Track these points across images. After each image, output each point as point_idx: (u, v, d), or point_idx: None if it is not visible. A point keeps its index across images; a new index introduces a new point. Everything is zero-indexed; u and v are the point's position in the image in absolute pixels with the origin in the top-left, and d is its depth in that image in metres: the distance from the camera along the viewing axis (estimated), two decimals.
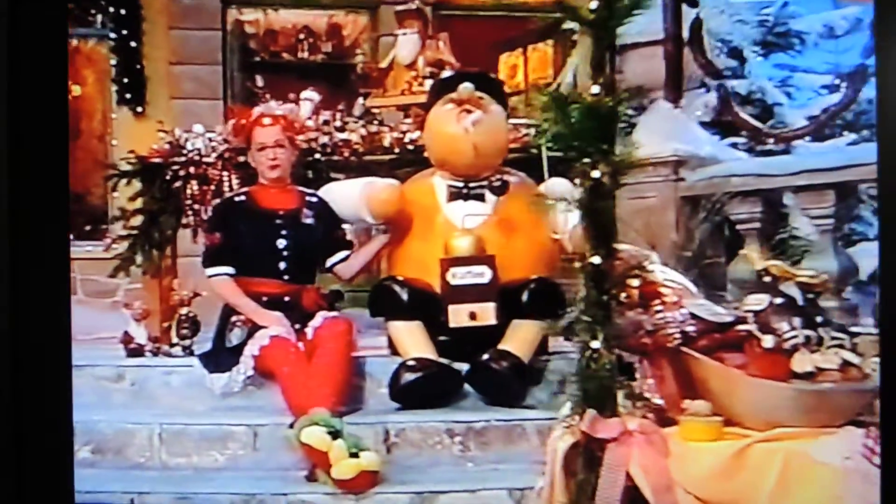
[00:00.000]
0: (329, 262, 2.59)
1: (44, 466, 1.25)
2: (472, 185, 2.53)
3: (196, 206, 2.98)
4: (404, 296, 2.41)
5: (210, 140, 3.03)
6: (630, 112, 2.74)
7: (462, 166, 2.52)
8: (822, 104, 3.56)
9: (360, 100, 3.54)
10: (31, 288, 1.24)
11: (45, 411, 1.24)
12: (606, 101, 1.47)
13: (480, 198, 2.54)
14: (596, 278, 1.50)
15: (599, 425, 1.47)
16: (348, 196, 2.58)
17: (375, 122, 3.36)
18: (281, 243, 2.47)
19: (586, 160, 1.49)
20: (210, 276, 2.47)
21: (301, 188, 2.62)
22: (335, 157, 3.00)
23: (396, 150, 3.08)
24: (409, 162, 3.05)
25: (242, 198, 2.54)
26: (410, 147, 3.09)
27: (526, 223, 2.51)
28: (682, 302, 1.62)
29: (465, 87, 2.47)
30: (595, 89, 1.47)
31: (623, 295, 1.49)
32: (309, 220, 2.53)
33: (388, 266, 2.61)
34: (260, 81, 4.70)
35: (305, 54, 5.15)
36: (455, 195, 2.54)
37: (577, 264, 1.52)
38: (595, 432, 1.47)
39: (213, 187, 2.96)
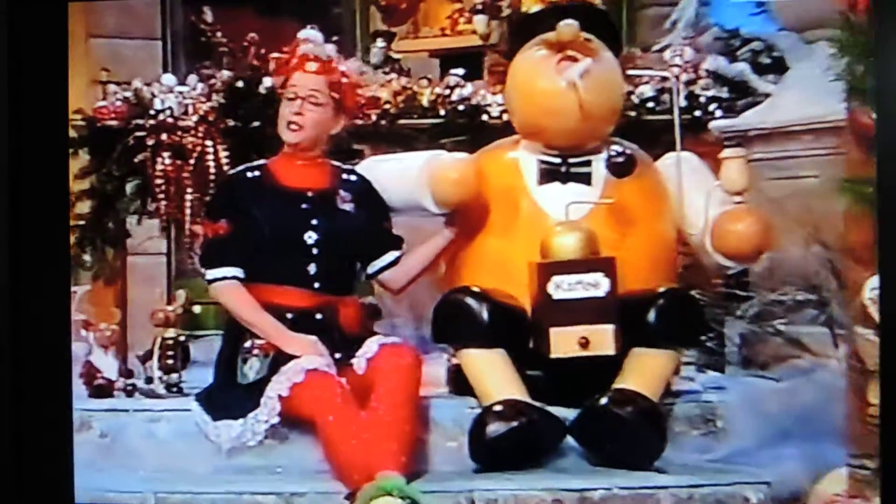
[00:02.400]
0: (374, 266, 2.46)
1: (44, 466, 1.61)
2: (573, 160, 2.42)
3: (168, 187, 2.88)
4: (483, 314, 2.28)
5: (185, 96, 2.93)
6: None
7: (561, 135, 2.39)
8: None
9: (379, 42, 3.40)
10: (31, 288, 1.59)
11: (45, 411, 1.61)
12: None
13: (584, 178, 2.42)
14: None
15: None
16: (402, 175, 2.45)
17: (397, 71, 3.28)
18: (310, 237, 2.32)
19: None
20: (211, 282, 2.33)
21: (336, 163, 2.48)
22: (359, 122, 2.86)
23: (441, 113, 3.02)
24: (460, 128, 2.99)
25: (257, 173, 2.39)
26: (461, 108, 3.00)
27: (646, 213, 2.42)
28: None
29: (567, 26, 2.33)
30: None
31: None
32: (347, 206, 2.40)
33: (455, 272, 2.48)
34: (209, 15, 4.48)
35: None
36: (550, 175, 2.42)
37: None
38: None
39: (192, 161, 2.86)
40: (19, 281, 1.62)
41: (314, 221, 2.34)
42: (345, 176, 2.45)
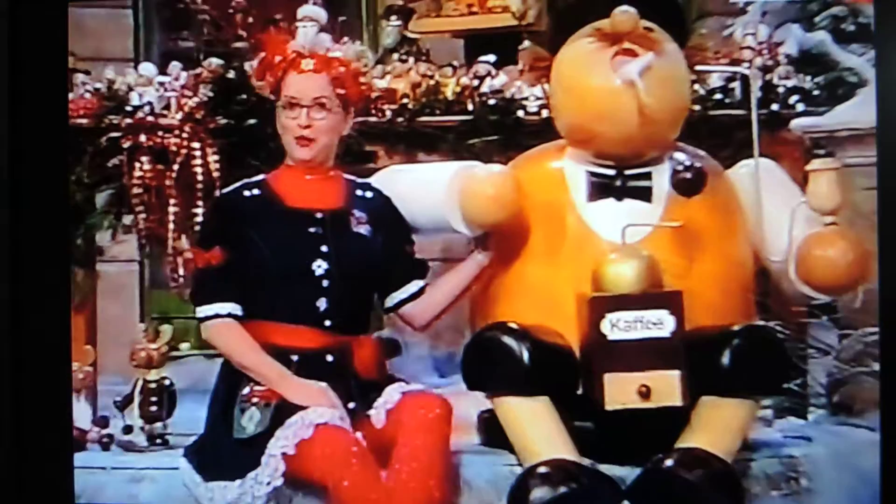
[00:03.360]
0: (394, 299, 2.46)
1: (44, 466, 1.88)
2: (630, 172, 2.42)
3: (147, 198, 2.91)
4: (524, 355, 2.27)
5: (167, 89, 2.96)
6: None
7: (616, 142, 2.38)
8: None
9: (393, 20, 3.41)
10: (31, 287, 1.88)
11: (46, 412, 1.89)
12: None
13: (644, 194, 2.42)
14: None
15: None
16: (427, 190, 2.46)
17: (415, 55, 3.27)
18: (320, 266, 2.33)
19: None
20: (203, 320, 2.33)
21: (350, 177, 2.49)
22: (371, 119, 2.95)
23: (469, 108, 3.02)
24: (492, 127, 2.99)
25: (256, 191, 2.39)
26: (493, 102, 3.02)
27: (717, 235, 2.42)
28: None
29: (625, 13, 2.33)
30: None
31: None
32: (362, 229, 2.40)
33: (489, 305, 2.48)
34: None
35: None
36: (602, 189, 2.42)
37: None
38: None
39: (175, 167, 2.89)
40: (19, 280, 1.90)
41: (324, 248, 2.33)
42: (359, 192, 2.45)
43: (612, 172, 2.41)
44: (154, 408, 2.51)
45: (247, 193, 2.40)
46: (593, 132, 2.40)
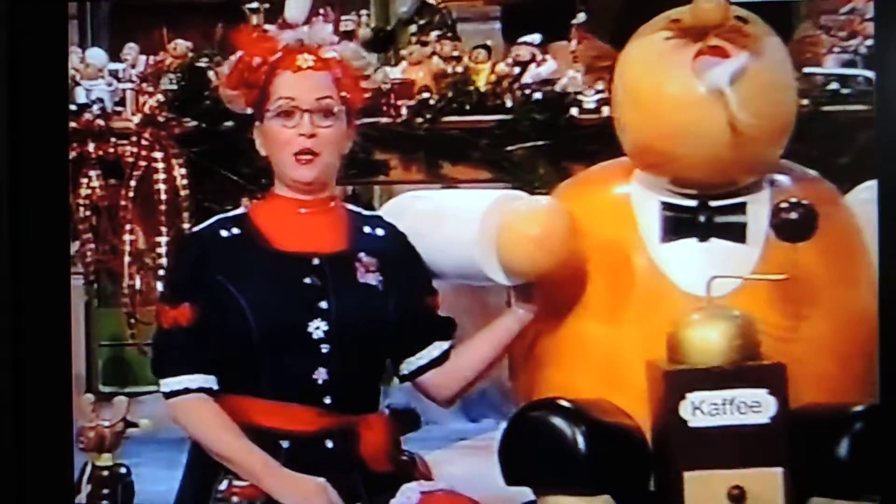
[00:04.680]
0: (411, 365, 2.47)
1: (44, 466, 2.24)
2: (717, 203, 2.41)
3: (96, 222, 2.99)
4: (579, 442, 2.27)
5: (121, 80, 3.02)
6: None
7: (700, 166, 2.38)
8: None
9: None
10: (31, 287, 2.27)
11: (46, 411, 2.26)
12: None
13: (735, 233, 2.41)
14: None
15: None
16: (455, 226, 2.47)
17: (438, 29, 3.26)
18: (317, 327, 2.32)
19: None
20: (169, 396, 2.34)
21: (354, 208, 2.49)
22: (381, 119, 3.03)
23: (508, 104, 3.09)
24: (537, 129, 3.01)
25: (235, 230, 2.39)
26: (538, 95, 3.01)
27: (832, 283, 2.41)
28: None
29: (710, 1, 2.32)
30: None
31: None
32: (370, 278, 2.38)
33: (533, 373, 2.51)
34: None
35: None
36: (680, 226, 2.42)
37: None
38: None
39: (132, 182, 2.97)
40: (19, 280, 2.24)
41: (323, 304, 2.32)
42: (367, 229, 2.44)
43: (693, 204, 2.41)
44: (105, 502, 2.50)
45: (224, 233, 2.39)
46: (670, 154, 2.39)
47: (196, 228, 2.50)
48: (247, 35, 2.46)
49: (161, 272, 2.97)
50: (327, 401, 2.32)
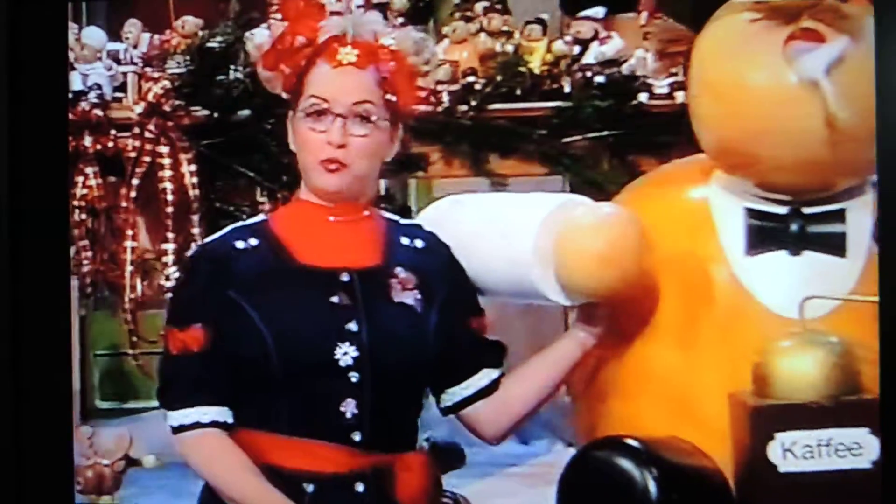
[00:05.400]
0: (455, 396, 2.47)
1: (44, 466, 2.41)
2: (811, 210, 2.42)
3: (94, 225, 3.01)
4: (650, 487, 2.27)
5: (122, 62, 3.04)
6: None
7: (791, 168, 2.38)
8: None
9: None
10: (30, 287, 2.41)
11: (45, 411, 2.42)
12: None
13: (833, 244, 2.41)
14: None
15: None
16: (504, 236, 2.47)
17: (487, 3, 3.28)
18: (346, 353, 2.31)
19: None
20: (177, 430, 2.35)
21: (390, 215, 2.50)
22: (420, 107, 2.95)
23: (566, 89, 3.10)
24: (601, 118, 3.02)
25: (254, 240, 2.38)
26: (601, 79, 3.01)
27: None
28: None
29: None
30: None
31: None
32: (407, 297, 2.38)
33: (594, 405, 2.53)
34: None
35: None
36: (768, 236, 2.43)
37: None
38: None
39: (135, 181, 2.96)
40: (19, 279, 2.39)
41: (352, 326, 2.31)
42: (405, 240, 2.43)
43: (784, 211, 2.42)
44: None
45: (240, 244, 2.38)
46: (756, 154, 2.39)
47: (208, 239, 2.50)
48: (294, 4, 2.42)
49: (167, 285, 2.99)
50: (357, 437, 2.32)
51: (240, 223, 2.46)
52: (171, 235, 2.90)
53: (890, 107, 2.25)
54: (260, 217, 2.46)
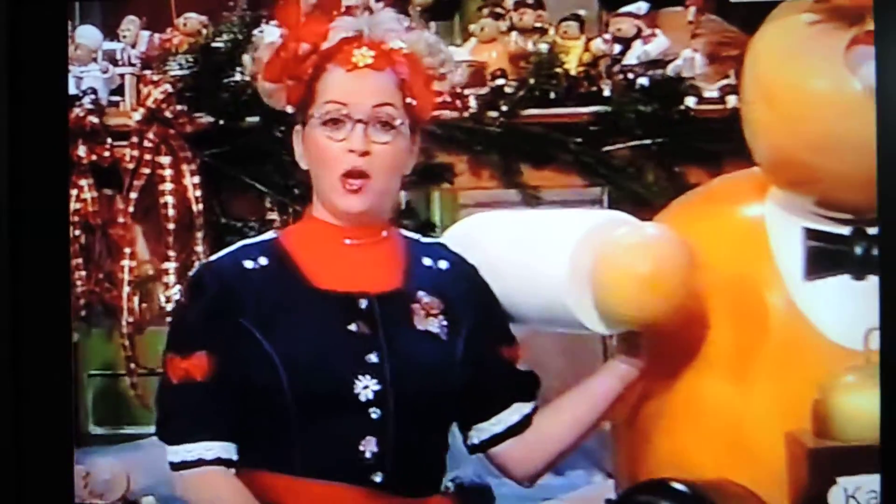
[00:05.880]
0: (483, 433, 2.48)
1: (44, 466, 2.52)
2: (876, 231, 2.41)
3: (88, 242, 3.04)
4: None
5: (120, 63, 3.07)
6: None
7: (855, 184, 2.38)
8: None
9: None
10: (30, 286, 2.50)
11: (45, 411, 2.52)
12: None
13: None
14: None
15: None
16: (538, 259, 2.48)
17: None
18: (365, 386, 2.32)
19: None
20: (178, 467, 2.36)
21: (412, 235, 2.51)
22: (445, 112, 3.01)
23: (605, 93, 3.10)
24: (644, 124, 3.05)
25: (264, 259, 2.39)
26: (644, 81, 3.09)
27: None
28: None
29: None
30: None
31: None
32: (432, 324, 2.39)
33: (638, 442, 2.54)
34: None
35: None
36: (829, 260, 2.44)
37: None
38: None
39: (133, 194, 3.00)
40: (19, 279, 2.49)
41: (372, 357, 2.31)
42: (428, 262, 2.44)
43: (847, 232, 2.42)
44: None
45: (248, 264, 2.38)
46: (816, 168, 2.39)
47: (213, 257, 2.50)
48: (294, 9, 2.43)
49: (168, 307, 2.99)
50: (377, 479, 2.32)
51: (248, 240, 2.47)
52: (172, 253, 2.89)
53: (890, 107, 2.29)
54: (270, 234, 2.48)
